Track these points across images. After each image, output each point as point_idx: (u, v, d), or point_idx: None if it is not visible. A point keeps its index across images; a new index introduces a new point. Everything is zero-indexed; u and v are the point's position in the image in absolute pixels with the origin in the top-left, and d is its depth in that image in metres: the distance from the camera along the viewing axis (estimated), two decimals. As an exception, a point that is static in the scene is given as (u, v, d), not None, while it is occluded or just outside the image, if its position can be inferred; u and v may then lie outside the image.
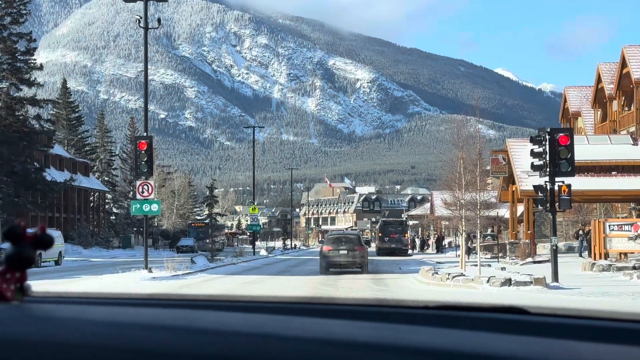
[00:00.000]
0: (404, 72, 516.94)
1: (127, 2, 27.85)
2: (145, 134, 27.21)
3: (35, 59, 48.71)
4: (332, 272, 26.20)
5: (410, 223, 71.03)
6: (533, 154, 19.28)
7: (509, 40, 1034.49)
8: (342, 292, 18.66)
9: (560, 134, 18.88)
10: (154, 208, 26.19)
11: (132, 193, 55.87)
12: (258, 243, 68.61)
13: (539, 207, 21.41)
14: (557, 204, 19.25)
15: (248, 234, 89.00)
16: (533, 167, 19.50)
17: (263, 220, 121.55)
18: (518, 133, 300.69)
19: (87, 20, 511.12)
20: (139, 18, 27.01)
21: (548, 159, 18.68)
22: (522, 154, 32.85)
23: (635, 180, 36.17)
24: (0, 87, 46.76)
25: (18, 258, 1.44)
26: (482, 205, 25.44)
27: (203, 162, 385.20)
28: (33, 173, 48.05)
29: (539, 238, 40.78)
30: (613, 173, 37.33)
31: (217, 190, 71.51)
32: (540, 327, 1.41)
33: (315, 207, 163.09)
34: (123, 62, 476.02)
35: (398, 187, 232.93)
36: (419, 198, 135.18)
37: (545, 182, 19.25)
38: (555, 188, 19.13)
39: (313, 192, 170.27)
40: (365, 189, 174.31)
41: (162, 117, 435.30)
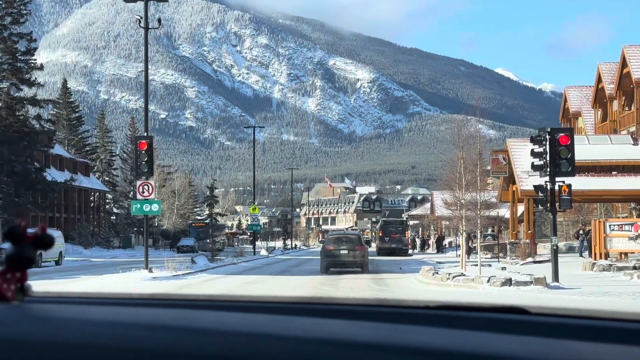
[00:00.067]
0: (404, 72, 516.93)
1: (127, 2, 27.85)
2: (146, 134, 27.23)
3: (36, 59, 48.70)
4: (332, 272, 26.23)
5: (411, 223, 71.01)
6: (533, 154, 19.29)
7: (509, 40, 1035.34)
8: (342, 292, 18.65)
9: (561, 134, 18.89)
10: (155, 208, 26.20)
11: (132, 193, 55.88)
12: (258, 243, 68.56)
13: (540, 207, 21.40)
14: (557, 204, 19.26)
15: (248, 234, 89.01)
16: (533, 167, 19.51)
17: (263, 220, 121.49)
18: (518, 133, 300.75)
19: (87, 20, 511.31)
20: (140, 18, 27.02)
21: (548, 159, 18.69)
22: (522, 154, 32.85)
23: (636, 180, 36.15)
24: (1, 87, 46.75)
25: (18, 258, 1.44)
26: (482, 205, 25.44)
27: (203, 162, 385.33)
28: (33, 173, 48.07)
29: (540, 238, 40.76)
30: (613, 173, 37.32)
31: (217, 190, 71.48)
32: (541, 327, 1.41)
33: (316, 207, 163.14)
34: (123, 62, 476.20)
35: (398, 187, 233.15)
36: (420, 198, 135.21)
37: (546, 182, 19.26)
38: (556, 188, 19.14)
39: (313, 192, 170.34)
40: (366, 189, 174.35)
41: (162, 117, 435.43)
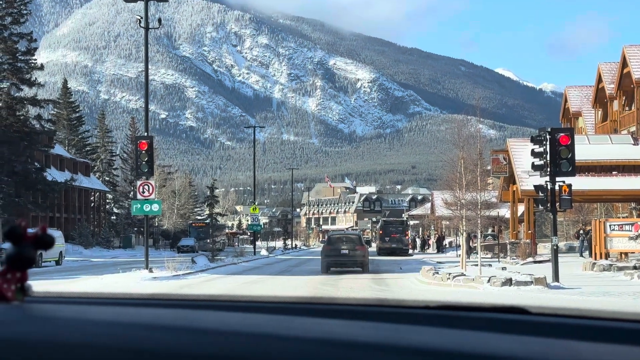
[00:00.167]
0: (405, 72, 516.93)
1: (127, 2, 27.83)
2: (146, 134, 27.22)
3: (36, 59, 48.68)
4: (333, 271, 26.24)
5: (411, 223, 70.98)
6: (534, 154, 19.28)
7: (510, 40, 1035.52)
8: (342, 292, 18.65)
9: (561, 134, 18.89)
10: (155, 208, 26.20)
11: (132, 193, 55.89)
12: (259, 243, 68.53)
13: (540, 207, 21.40)
14: (557, 204, 19.25)
15: (249, 234, 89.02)
16: (534, 167, 19.51)
17: (264, 220, 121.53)
18: (519, 133, 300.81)
19: (87, 20, 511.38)
20: (140, 18, 27.01)
21: (549, 159, 18.68)
22: (522, 154, 32.84)
23: (636, 180, 36.14)
24: (1, 87, 46.75)
25: (19, 258, 1.44)
26: (482, 205, 25.44)
27: (204, 162, 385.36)
28: (34, 173, 48.07)
29: (540, 238, 40.75)
30: (614, 173, 37.30)
31: (217, 190, 71.47)
32: (541, 327, 1.41)
33: (316, 207, 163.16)
34: (124, 62, 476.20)
35: (399, 187, 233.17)
36: (420, 198, 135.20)
37: (546, 181, 19.26)
38: (556, 188, 19.14)
39: (314, 192, 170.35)
40: (366, 189, 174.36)
41: (162, 117, 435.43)
